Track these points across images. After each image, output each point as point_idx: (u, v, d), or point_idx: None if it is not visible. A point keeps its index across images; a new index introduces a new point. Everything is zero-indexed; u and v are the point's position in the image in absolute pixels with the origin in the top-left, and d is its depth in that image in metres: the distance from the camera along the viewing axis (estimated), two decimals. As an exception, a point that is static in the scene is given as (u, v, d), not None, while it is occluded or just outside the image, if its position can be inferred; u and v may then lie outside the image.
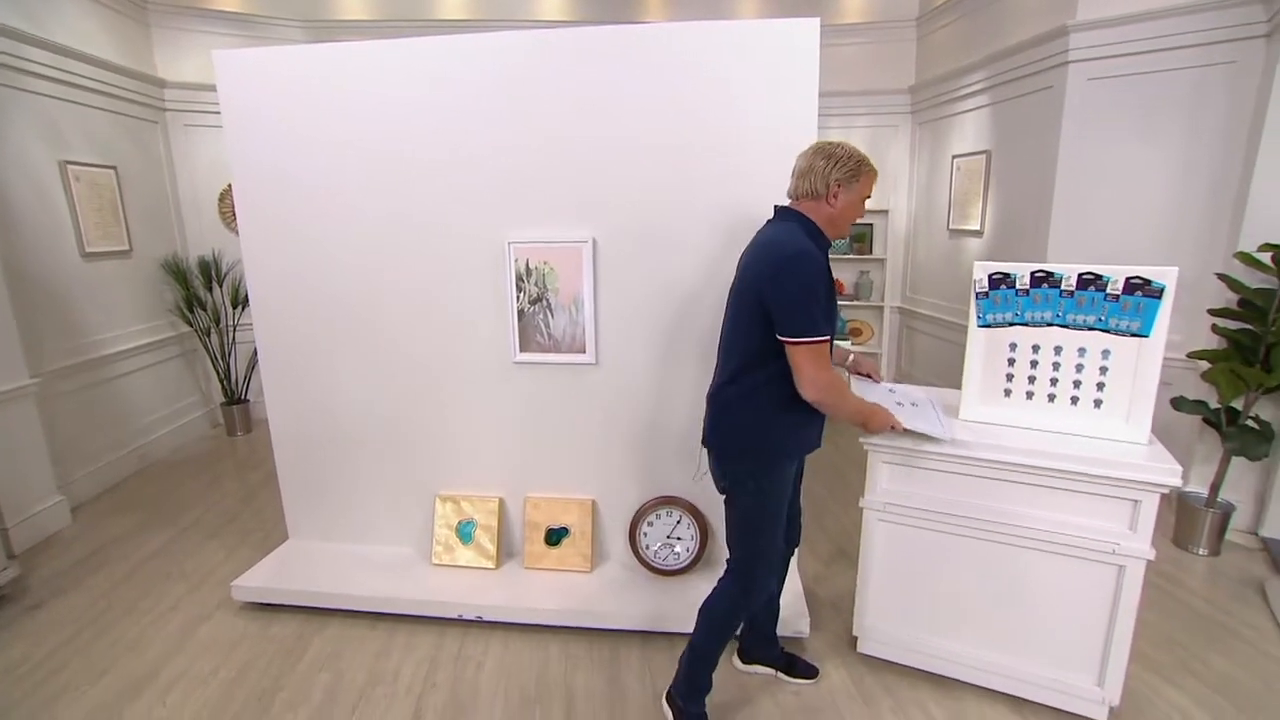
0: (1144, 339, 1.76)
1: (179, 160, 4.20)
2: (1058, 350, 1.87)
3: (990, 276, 1.91)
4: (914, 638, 2.07)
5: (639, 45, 2.17)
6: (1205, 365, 2.79)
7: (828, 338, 1.57)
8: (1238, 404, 2.68)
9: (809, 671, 2.09)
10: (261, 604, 2.48)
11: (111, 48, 3.72)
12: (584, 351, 2.39)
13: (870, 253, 4.68)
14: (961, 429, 1.91)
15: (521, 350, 2.42)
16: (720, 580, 1.80)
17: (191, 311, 4.08)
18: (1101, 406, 1.84)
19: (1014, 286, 1.88)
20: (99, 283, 3.57)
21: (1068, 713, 1.89)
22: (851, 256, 4.67)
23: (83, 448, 3.43)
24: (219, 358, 4.26)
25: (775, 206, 1.71)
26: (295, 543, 2.75)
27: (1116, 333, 1.79)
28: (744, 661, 2.13)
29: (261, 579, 2.50)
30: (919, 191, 4.63)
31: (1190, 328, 2.99)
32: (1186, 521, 2.78)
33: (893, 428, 1.78)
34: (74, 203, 3.39)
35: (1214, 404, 2.74)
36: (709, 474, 1.83)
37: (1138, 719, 1.89)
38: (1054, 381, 1.89)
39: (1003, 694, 1.97)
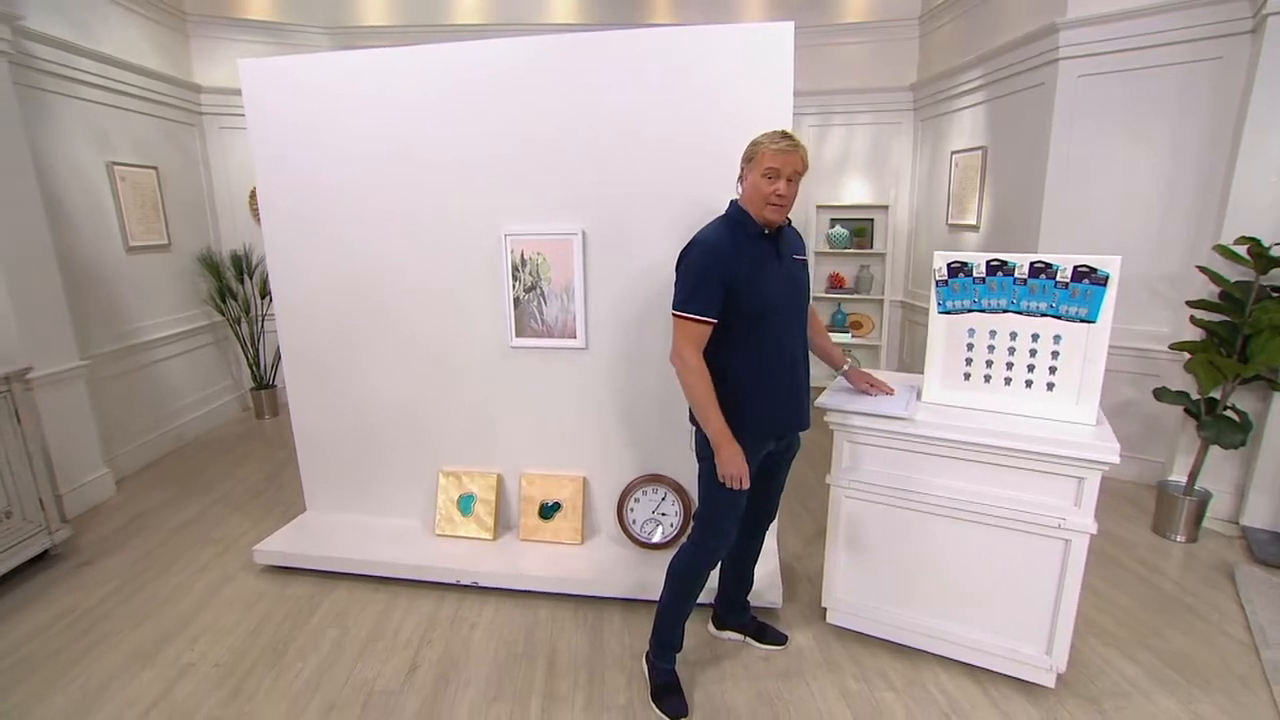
0: (1091, 325, 1.85)
1: (214, 160, 4.49)
2: (1013, 336, 1.97)
3: (949, 265, 2.02)
4: (878, 609, 2.19)
5: (628, 49, 2.32)
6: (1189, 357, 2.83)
7: (701, 320, 1.67)
8: (1217, 394, 2.73)
9: (779, 639, 2.22)
10: (280, 567, 2.71)
11: (154, 57, 4.02)
12: (575, 337, 2.55)
13: (871, 247, 4.75)
14: (923, 411, 2.02)
15: (517, 336, 2.60)
16: (688, 537, 1.94)
17: (224, 302, 4.37)
18: (1054, 389, 1.94)
19: (971, 275, 1.99)
20: (141, 274, 3.87)
21: (1019, 680, 2.00)
22: (852, 251, 4.75)
23: (126, 426, 3.72)
24: (249, 345, 4.54)
25: None
26: (312, 513, 2.98)
27: (1066, 319, 1.89)
28: (717, 627, 2.27)
29: (280, 545, 2.73)
30: (920, 187, 4.70)
31: (1177, 320, 3.04)
32: (1165, 509, 2.83)
33: (741, 483, 1.72)
34: (119, 200, 3.69)
35: (1196, 395, 2.78)
36: None
37: (1088, 687, 1.99)
38: (1010, 366, 1.99)
39: (959, 662, 2.08)
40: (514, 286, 2.55)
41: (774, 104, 2.27)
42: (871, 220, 4.75)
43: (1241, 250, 2.59)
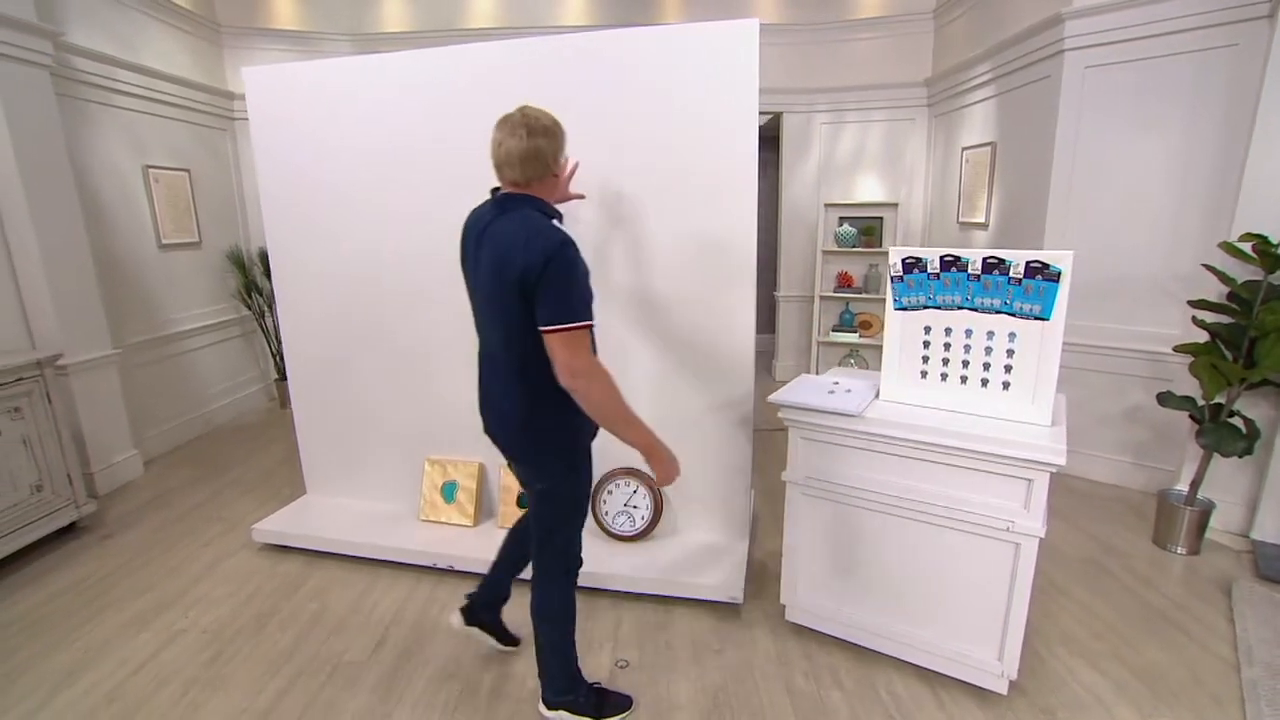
0: (1045, 322, 1.80)
1: (245, 162, 4.76)
2: (968, 333, 1.93)
3: (904, 261, 1.98)
4: (834, 608, 2.17)
5: (602, 50, 2.36)
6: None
7: (590, 324, 1.50)
8: (1223, 399, 2.58)
9: (512, 641, 2.17)
10: (276, 545, 2.88)
11: (189, 66, 4.30)
12: (549, 331, 2.61)
13: (879, 246, 4.65)
14: (879, 409, 2.00)
15: (495, 329, 2.68)
16: (538, 579, 1.77)
17: (250, 297, 4.64)
18: (1009, 389, 1.89)
19: (926, 271, 1.96)
20: (172, 270, 4.15)
21: (971, 685, 1.95)
22: (861, 250, 4.66)
23: (156, 412, 4.00)
24: (273, 338, 4.80)
25: (501, 194, 1.63)
26: (310, 497, 3.14)
27: (1020, 316, 1.84)
28: (466, 623, 2.09)
29: (278, 525, 2.89)
30: (934, 184, 4.57)
31: (1188, 321, 2.88)
32: (1166, 520, 2.69)
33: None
34: (153, 201, 3.97)
35: (1202, 400, 2.64)
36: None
37: (1045, 696, 1.92)
38: (965, 364, 1.95)
39: (912, 665, 2.05)
40: (492, 282, 2.63)
41: (740, 101, 2.28)
42: (880, 219, 4.65)
43: (1247, 247, 2.45)
